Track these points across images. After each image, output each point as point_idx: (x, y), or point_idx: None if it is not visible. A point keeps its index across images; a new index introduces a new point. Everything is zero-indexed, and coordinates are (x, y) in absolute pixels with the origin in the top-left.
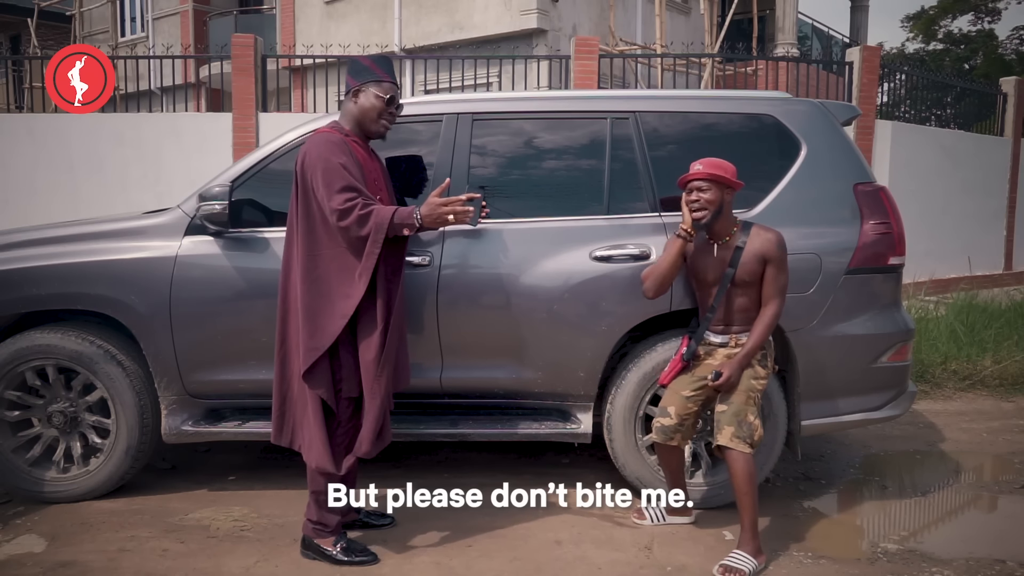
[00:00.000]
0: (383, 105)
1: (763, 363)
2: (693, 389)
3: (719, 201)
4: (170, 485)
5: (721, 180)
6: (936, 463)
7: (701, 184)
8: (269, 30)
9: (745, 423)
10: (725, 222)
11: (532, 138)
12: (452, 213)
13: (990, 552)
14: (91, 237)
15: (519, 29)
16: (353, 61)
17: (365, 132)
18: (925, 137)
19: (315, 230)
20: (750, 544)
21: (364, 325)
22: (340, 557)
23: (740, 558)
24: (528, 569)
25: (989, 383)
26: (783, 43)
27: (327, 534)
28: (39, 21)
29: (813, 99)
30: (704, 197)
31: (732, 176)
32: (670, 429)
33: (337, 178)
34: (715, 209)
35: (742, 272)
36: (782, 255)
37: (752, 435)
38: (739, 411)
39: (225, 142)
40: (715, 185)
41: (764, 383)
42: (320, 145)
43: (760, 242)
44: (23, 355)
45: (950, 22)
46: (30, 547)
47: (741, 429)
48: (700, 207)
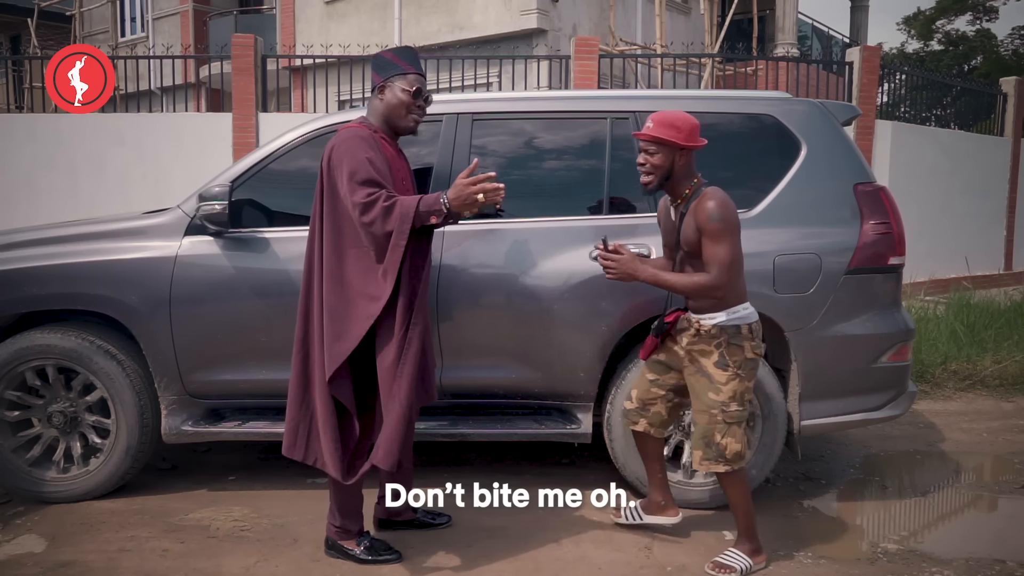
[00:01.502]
0: (410, 99)
1: (722, 365)
2: (657, 372)
3: (667, 165)
4: (170, 485)
5: (666, 143)
6: (936, 463)
7: (648, 146)
8: (269, 30)
9: (712, 444)
10: (678, 185)
11: (532, 138)
12: (482, 192)
13: (990, 552)
14: (91, 237)
15: (519, 29)
16: (376, 57)
17: (394, 128)
18: (925, 137)
19: (341, 228)
20: (746, 544)
21: (383, 328)
22: (364, 557)
23: (733, 555)
24: (528, 569)
25: (989, 383)
26: (783, 43)
27: (350, 536)
28: (39, 21)
29: (813, 99)
30: (651, 161)
31: (683, 136)
32: (632, 412)
33: (361, 172)
34: (663, 174)
35: (684, 241)
36: (716, 227)
37: (722, 454)
38: (704, 432)
39: (225, 142)
40: (662, 147)
41: (732, 389)
42: (347, 139)
43: (697, 211)
44: (23, 355)
45: (948, 22)
46: (30, 547)
47: (709, 451)
48: (645, 172)
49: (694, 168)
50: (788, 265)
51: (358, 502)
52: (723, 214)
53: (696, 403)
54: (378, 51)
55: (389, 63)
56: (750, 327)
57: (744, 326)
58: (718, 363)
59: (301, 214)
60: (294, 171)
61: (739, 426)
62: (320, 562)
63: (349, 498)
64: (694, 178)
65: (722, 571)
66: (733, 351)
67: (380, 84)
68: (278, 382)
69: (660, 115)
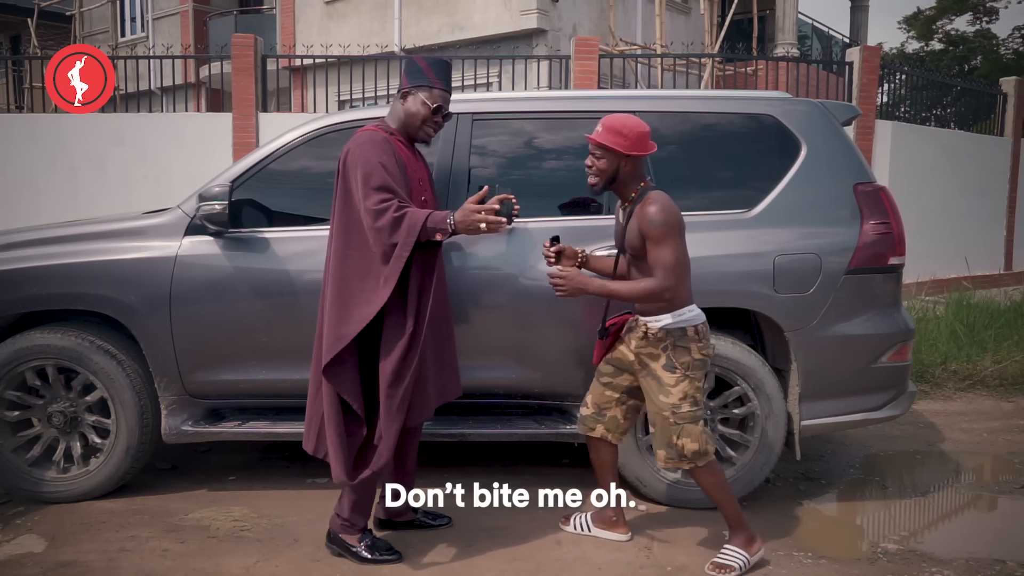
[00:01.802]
0: (429, 113)
1: (669, 368)
2: (609, 375)
3: (612, 169)
4: (170, 485)
5: (610, 150)
6: (936, 463)
7: (595, 149)
8: (269, 30)
9: (672, 446)
10: (624, 188)
11: (532, 138)
12: (484, 222)
13: (990, 552)
14: (91, 237)
15: (519, 29)
16: (409, 61)
17: (408, 135)
18: (925, 137)
19: (349, 230)
20: (739, 536)
21: (389, 334)
22: (364, 554)
23: (730, 553)
24: (528, 569)
25: (989, 383)
26: (783, 43)
27: (354, 531)
28: (39, 21)
29: (813, 99)
30: (597, 164)
31: (628, 144)
32: (588, 418)
33: (375, 178)
34: (608, 177)
35: (628, 244)
36: (659, 231)
37: (682, 454)
38: (662, 434)
39: (225, 142)
40: (608, 151)
41: (682, 391)
42: (363, 143)
43: (640, 215)
44: (23, 355)
45: (948, 22)
46: (30, 547)
47: (671, 451)
48: (592, 174)
49: (643, 172)
50: (788, 265)
51: (370, 500)
52: (664, 218)
53: (650, 405)
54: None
55: (420, 72)
56: (696, 328)
57: (690, 328)
58: (666, 366)
59: (301, 214)
60: (294, 171)
61: (695, 424)
62: (320, 562)
63: (362, 494)
64: (641, 181)
65: (722, 571)
66: (680, 353)
67: (405, 90)
68: (278, 382)
69: (610, 120)
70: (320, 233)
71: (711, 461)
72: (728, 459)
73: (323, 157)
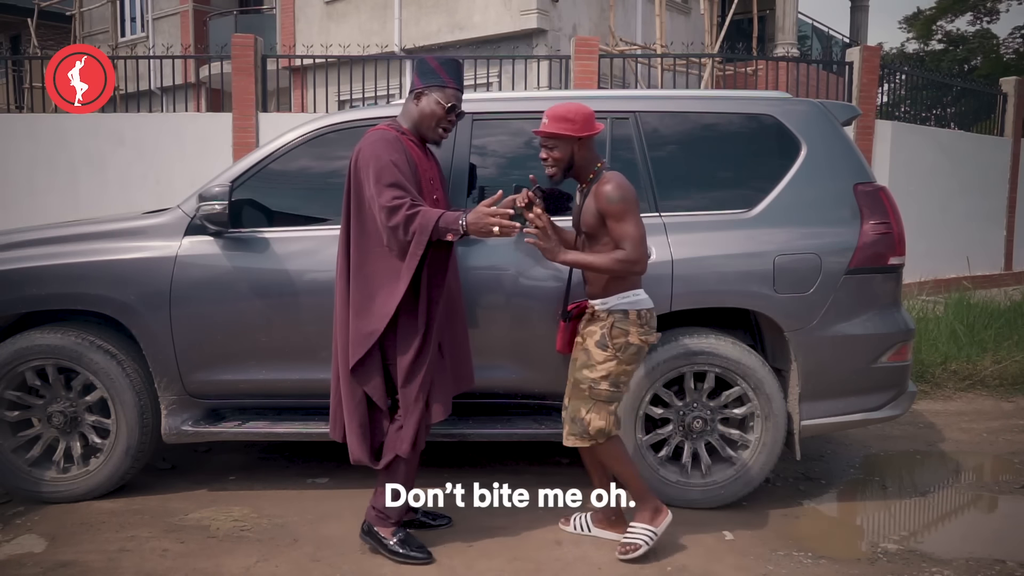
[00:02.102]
0: (443, 113)
1: (602, 345)
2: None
3: (567, 156)
4: (170, 485)
5: (562, 137)
6: (936, 463)
7: (547, 141)
8: (269, 30)
9: (578, 420)
10: (581, 171)
11: (532, 138)
12: (497, 226)
13: (990, 552)
14: (91, 237)
15: (519, 29)
16: (421, 61)
17: (421, 135)
18: (925, 137)
19: (366, 228)
20: (644, 511)
21: (405, 330)
22: (396, 548)
23: (635, 531)
24: (528, 569)
25: (989, 383)
26: (783, 43)
27: (389, 524)
28: (39, 21)
29: (813, 99)
30: (552, 155)
31: (578, 128)
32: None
33: (387, 175)
34: (565, 165)
35: (583, 222)
36: (618, 207)
37: (586, 430)
38: (573, 409)
39: (225, 142)
40: (560, 140)
41: (607, 369)
42: (374, 142)
43: (597, 194)
44: (23, 355)
45: (949, 22)
46: (30, 547)
47: (574, 426)
48: (548, 166)
49: (596, 153)
50: (788, 265)
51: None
52: (622, 194)
53: (570, 378)
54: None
55: (432, 72)
56: (639, 313)
57: (633, 311)
58: (599, 342)
59: (301, 214)
60: (294, 171)
61: (607, 405)
62: (320, 562)
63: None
64: (597, 163)
65: (629, 551)
66: (616, 333)
67: (419, 90)
68: (278, 382)
69: (554, 109)
70: (320, 233)
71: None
72: (728, 459)
73: (323, 157)
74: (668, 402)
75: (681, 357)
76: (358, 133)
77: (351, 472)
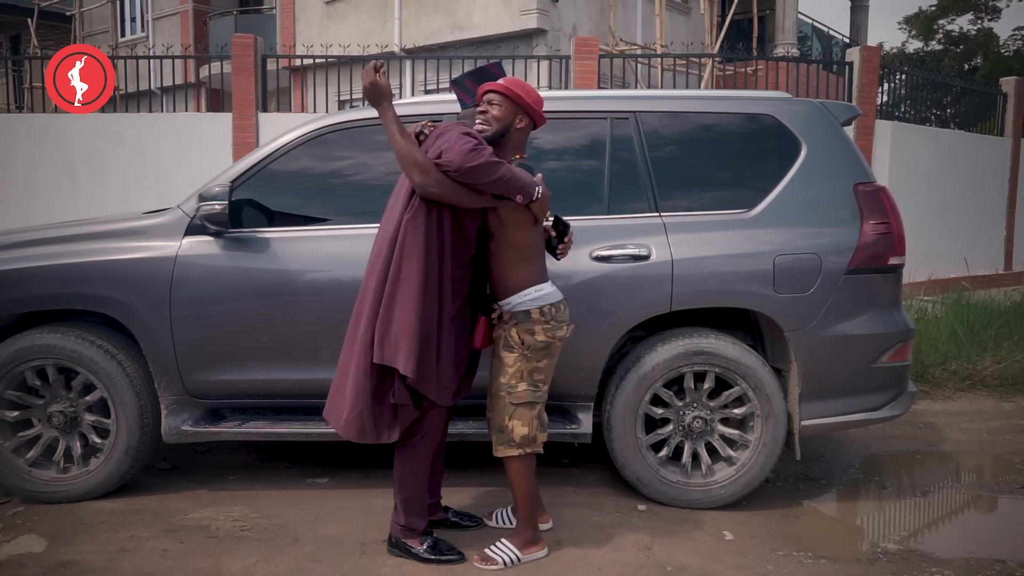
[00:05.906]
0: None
1: (507, 347)
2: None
3: (507, 122)
4: (170, 485)
5: (514, 98)
6: (936, 463)
7: (492, 97)
8: (269, 30)
9: (503, 430)
10: (504, 150)
11: (532, 138)
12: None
13: (990, 552)
14: (91, 237)
15: (519, 29)
16: (482, 69)
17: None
18: (925, 137)
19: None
20: (521, 535)
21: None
22: (427, 556)
23: (500, 548)
24: (528, 569)
25: (989, 383)
26: (783, 43)
27: (414, 535)
28: (39, 21)
29: (813, 99)
30: (492, 112)
31: (530, 100)
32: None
33: (463, 138)
34: (500, 128)
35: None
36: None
37: (511, 439)
38: (496, 417)
39: (225, 142)
40: (507, 101)
41: (518, 369)
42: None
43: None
44: (23, 355)
45: (949, 22)
46: (30, 547)
47: (501, 436)
48: (484, 121)
49: (524, 145)
50: (788, 265)
51: (422, 501)
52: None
53: (490, 389)
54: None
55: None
56: (541, 310)
57: (535, 310)
58: (505, 345)
59: (301, 214)
60: (294, 171)
61: (528, 409)
62: (320, 562)
63: (414, 496)
64: (519, 154)
65: (486, 562)
66: (521, 333)
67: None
68: (278, 382)
69: (514, 80)
70: (320, 233)
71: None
72: (728, 459)
73: (323, 157)
74: (668, 402)
75: (681, 357)
76: (358, 133)
77: (351, 472)
